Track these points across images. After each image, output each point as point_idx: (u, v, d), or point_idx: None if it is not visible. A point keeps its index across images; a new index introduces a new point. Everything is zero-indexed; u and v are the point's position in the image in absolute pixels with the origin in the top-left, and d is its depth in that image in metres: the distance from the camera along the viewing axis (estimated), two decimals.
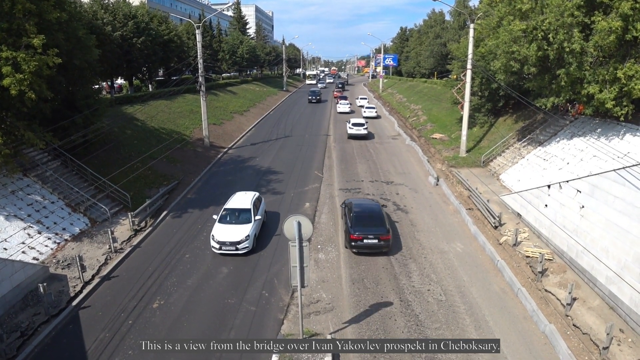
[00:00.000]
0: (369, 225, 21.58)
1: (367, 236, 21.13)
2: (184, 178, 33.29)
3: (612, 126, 26.43)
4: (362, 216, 22.17)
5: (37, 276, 18.44)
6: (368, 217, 22.09)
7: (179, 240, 23.42)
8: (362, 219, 21.91)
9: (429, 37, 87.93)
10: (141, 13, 51.25)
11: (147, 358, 14.48)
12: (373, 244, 21.24)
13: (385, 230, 21.39)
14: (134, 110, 40.89)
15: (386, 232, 21.34)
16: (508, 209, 26.28)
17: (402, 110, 69.24)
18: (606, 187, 17.66)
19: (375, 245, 21.26)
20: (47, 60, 20.91)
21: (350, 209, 22.99)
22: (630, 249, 16.08)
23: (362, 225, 21.56)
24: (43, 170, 25.26)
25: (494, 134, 39.36)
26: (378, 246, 21.31)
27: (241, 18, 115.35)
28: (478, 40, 37.42)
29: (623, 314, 16.18)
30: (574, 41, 24.56)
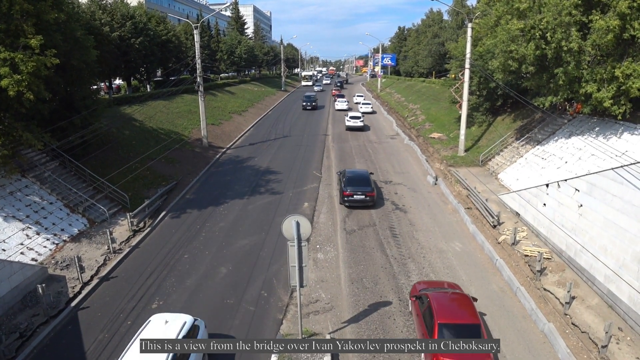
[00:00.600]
0: (358, 185, 27.37)
1: (356, 193, 27.00)
2: (183, 178, 33.28)
3: (610, 125, 26.46)
4: (353, 178, 28.03)
5: (35, 277, 18.42)
6: (357, 180, 27.92)
7: (177, 241, 23.41)
8: (353, 181, 27.74)
9: (427, 36, 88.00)
10: (139, 13, 51.26)
11: None
12: (361, 199, 27.10)
13: (370, 189, 27.20)
14: (132, 111, 40.85)
15: (371, 190, 27.15)
16: (507, 208, 26.30)
17: (400, 110, 69.27)
18: (604, 186, 17.69)
19: (363, 200, 27.12)
20: (45, 61, 20.89)
21: (344, 175, 28.87)
22: (628, 248, 16.11)
23: (353, 185, 27.35)
24: (41, 171, 25.23)
25: (493, 133, 39.40)
26: (364, 201, 27.14)
27: (239, 18, 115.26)
28: (476, 39, 37.47)
29: (622, 312, 16.21)
30: (572, 40, 24.59)
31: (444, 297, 15.07)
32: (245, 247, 22.66)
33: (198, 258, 21.58)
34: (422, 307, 14.94)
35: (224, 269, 20.48)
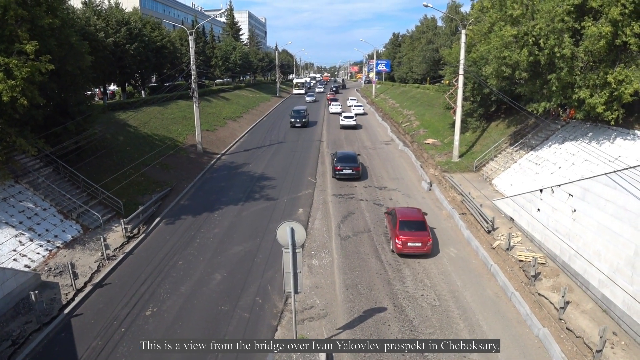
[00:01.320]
0: (346, 162, 34.97)
1: (345, 168, 34.62)
2: (177, 184, 33.21)
3: (603, 130, 26.62)
4: (342, 157, 35.79)
5: (28, 284, 18.29)
6: (346, 158, 35.64)
7: (172, 247, 23.32)
8: (342, 159, 35.41)
9: (421, 42, 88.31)
10: (134, 19, 51.28)
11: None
12: (349, 173, 34.61)
13: (356, 164, 35.07)
14: (127, 117, 40.80)
15: (357, 165, 35.02)
16: (501, 213, 26.37)
17: (395, 116, 69.48)
18: (598, 191, 17.77)
19: (350, 174, 34.64)
20: (40, 67, 20.86)
21: (335, 155, 36.74)
22: (622, 252, 16.17)
23: (342, 162, 34.92)
24: (35, 177, 25.11)
25: (487, 139, 39.56)
26: (352, 174, 34.66)
27: (234, 24, 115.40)
28: (470, 45, 37.68)
29: (616, 317, 16.25)
30: (565, 46, 24.76)
31: (403, 209, 24.67)
32: (239, 254, 22.60)
33: (192, 264, 21.50)
34: (392, 217, 23.53)
35: (219, 276, 20.41)
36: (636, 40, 22.92)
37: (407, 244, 21.66)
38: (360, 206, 29.06)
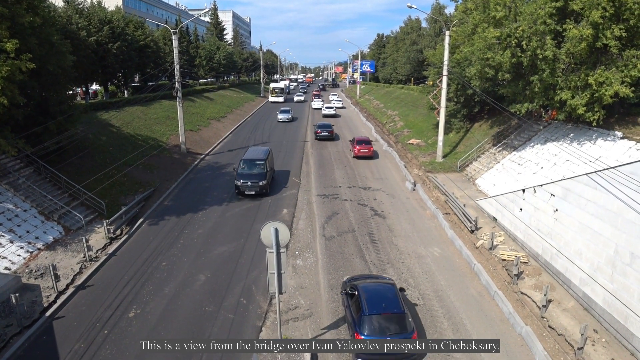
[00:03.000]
0: (324, 128, 51.57)
1: (323, 131, 51.02)
2: (161, 185, 32.94)
3: (584, 131, 27.01)
4: (322, 125, 52.57)
5: (9, 286, 18.00)
6: (324, 125, 52.27)
7: (155, 248, 23.12)
8: (321, 126, 52.12)
9: (405, 43, 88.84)
10: (117, 18, 50.73)
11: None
12: (325, 135, 50.85)
13: (331, 129, 51.54)
14: (109, 117, 40.36)
15: (331, 129, 51.49)
16: (484, 213, 26.61)
17: (379, 116, 69.75)
18: (579, 191, 18.02)
19: (326, 135, 50.87)
20: (20, 65, 20.53)
21: (316, 124, 53.20)
22: (602, 251, 16.42)
23: (321, 127, 51.59)
24: (15, 178, 24.72)
25: (470, 139, 39.89)
26: (327, 136, 50.99)
27: (218, 24, 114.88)
28: (453, 47, 37.96)
29: (597, 314, 16.50)
30: (547, 48, 25.07)
31: (359, 136, 44.66)
32: (224, 254, 22.49)
33: (176, 265, 21.34)
34: (352, 141, 43.75)
35: (203, 277, 20.28)
36: (616, 43, 23.27)
37: (360, 151, 41.26)
38: (344, 206, 29.11)
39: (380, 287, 16.29)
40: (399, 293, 15.81)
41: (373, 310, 14.53)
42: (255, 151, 34.91)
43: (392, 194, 31.89)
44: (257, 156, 32.56)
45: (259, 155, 32.74)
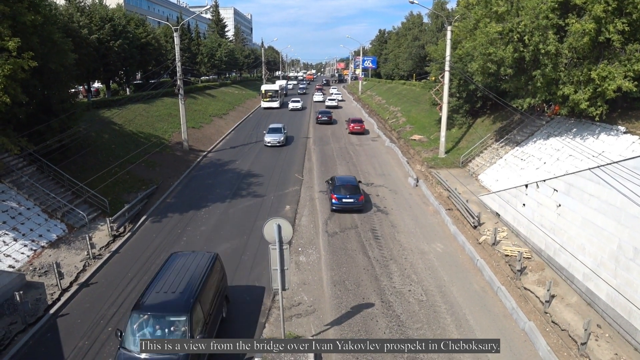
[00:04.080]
0: (324, 114, 61.54)
1: (324, 116, 61.03)
2: (163, 182, 32.98)
3: (587, 126, 26.93)
4: (323, 110, 63.47)
5: (13, 284, 18.06)
6: (324, 112, 62.46)
7: (158, 245, 23.16)
8: (321, 112, 62.14)
9: (407, 39, 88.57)
10: (118, 16, 50.78)
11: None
12: (325, 120, 60.52)
13: (330, 114, 61.65)
14: (112, 114, 40.40)
15: (330, 115, 61.61)
16: (487, 208, 26.58)
17: (381, 112, 69.67)
18: (582, 186, 17.98)
19: (326, 120, 60.54)
20: (22, 64, 20.57)
21: (318, 111, 62.92)
22: (605, 246, 16.40)
23: (321, 114, 61.55)
24: (18, 176, 24.79)
25: (472, 135, 39.82)
26: (327, 120, 60.58)
27: (219, 21, 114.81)
28: (455, 42, 37.84)
29: (600, 310, 16.49)
30: (549, 43, 24.98)
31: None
32: (227, 251, 22.50)
33: None
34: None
35: None
36: (619, 37, 23.16)
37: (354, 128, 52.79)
38: None
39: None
40: None
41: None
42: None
43: (395, 190, 31.87)
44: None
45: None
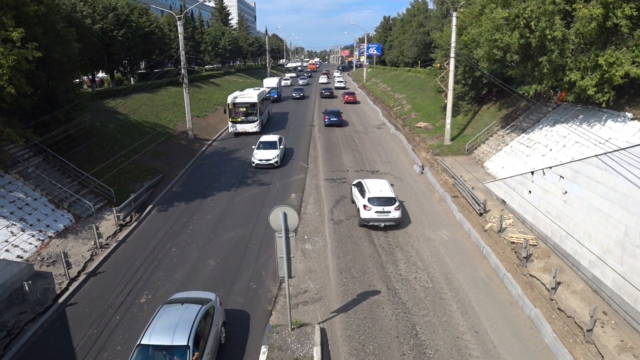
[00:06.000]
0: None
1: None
2: (169, 171, 33.06)
3: (593, 112, 26.73)
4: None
5: (21, 274, 18.23)
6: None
7: (165, 234, 23.29)
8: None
9: (412, 26, 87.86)
10: (121, 5, 50.52)
11: None
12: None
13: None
14: (116, 104, 40.43)
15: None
16: (492, 196, 26.51)
17: (386, 100, 69.35)
18: (588, 173, 17.88)
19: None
20: (27, 54, 20.57)
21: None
22: (612, 233, 16.34)
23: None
24: (25, 167, 24.90)
25: (478, 122, 39.62)
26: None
27: (223, 9, 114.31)
28: (461, 28, 37.54)
29: (606, 296, 16.47)
30: (556, 29, 24.73)
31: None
32: (233, 239, 22.61)
33: (186, 251, 21.50)
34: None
35: (212, 262, 20.44)
36: (627, 22, 22.89)
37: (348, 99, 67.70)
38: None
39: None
40: None
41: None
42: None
43: (400, 177, 31.82)
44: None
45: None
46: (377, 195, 23.07)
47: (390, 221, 22.89)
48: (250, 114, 45.57)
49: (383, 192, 23.39)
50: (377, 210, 22.68)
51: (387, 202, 22.83)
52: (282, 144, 36.97)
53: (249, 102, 45.34)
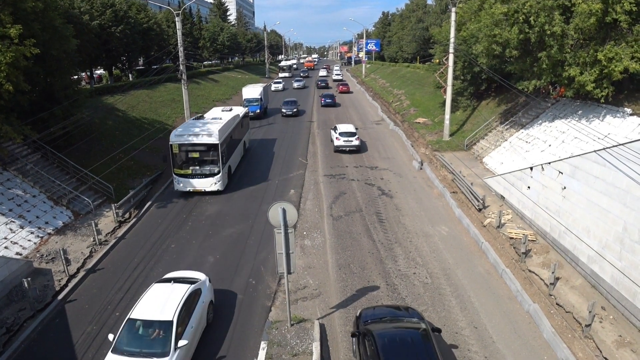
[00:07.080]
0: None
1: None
2: (168, 168, 32.96)
3: (592, 108, 26.72)
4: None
5: (21, 271, 18.23)
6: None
7: (164, 231, 23.28)
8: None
9: (411, 21, 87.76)
10: (119, 1, 50.41)
11: None
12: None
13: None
14: (115, 101, 40.36)
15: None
16: (491, 191, 26.53)
17: (385, 95, 69.27)
18: (587, 168, 17.89)
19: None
20: (24, 51, 20.50)
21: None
22: (610, 229, 16.36)
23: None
24: (23, 164, 24.87)
25: (477, 118, 39.59)
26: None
27: (221, 5, 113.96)
28: (460, 24, 37.45)
29: (604, 292, 16.51)
30: (555, 24, 24.68)
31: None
32: (232, 236, 22.62)
33: (185, 248, 21.51)
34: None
35: (212, 258, 20.45)
36: (626, 18, 22.85)
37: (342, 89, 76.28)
38: (351, 186, 29.11)
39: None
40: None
41: None
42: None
43: (399, 173, 31.82)
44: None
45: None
46: (344, 131, 37.01)
47: (352, 147, 36.35)
48: (206, 162, 27.73)
49: (348, 129, 37.38)
50: (344, 140, 36.23)
51: (350, 135, 36.41)
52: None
53: (204, 144, 27.47)
